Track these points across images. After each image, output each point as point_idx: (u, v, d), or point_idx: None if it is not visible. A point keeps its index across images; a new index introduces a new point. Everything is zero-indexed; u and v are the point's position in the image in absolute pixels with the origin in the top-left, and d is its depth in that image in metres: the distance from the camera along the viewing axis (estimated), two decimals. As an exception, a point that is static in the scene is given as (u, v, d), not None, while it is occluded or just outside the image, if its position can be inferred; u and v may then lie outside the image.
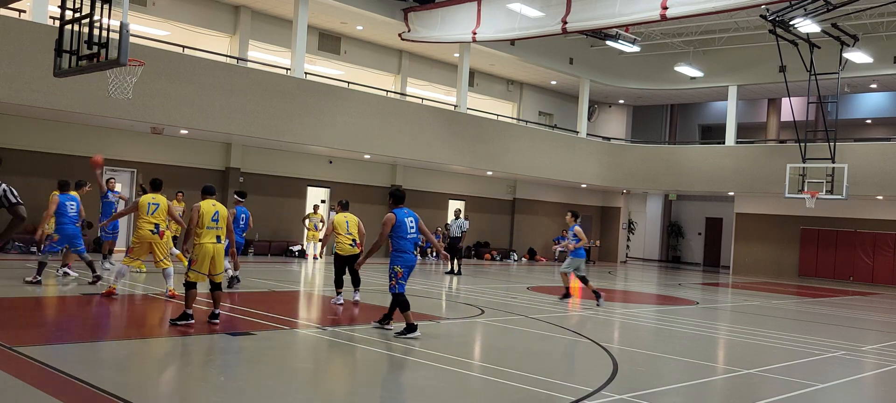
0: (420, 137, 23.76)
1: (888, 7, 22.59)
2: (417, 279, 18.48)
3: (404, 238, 9.53)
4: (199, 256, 9.24)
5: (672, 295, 19.22)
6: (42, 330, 8.94)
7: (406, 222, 9.57)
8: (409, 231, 9.58)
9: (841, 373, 9.34)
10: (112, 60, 7.51)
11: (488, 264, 26.96)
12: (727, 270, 32.81)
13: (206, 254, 9.24)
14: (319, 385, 7.31)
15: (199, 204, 9.41)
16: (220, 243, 9.41)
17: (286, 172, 23.68)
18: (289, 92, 20.49)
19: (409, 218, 9.64)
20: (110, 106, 16.27)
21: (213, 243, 9.30)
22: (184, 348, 8.33)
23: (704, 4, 16.76)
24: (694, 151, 31.00)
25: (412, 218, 9.69)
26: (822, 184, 24.77)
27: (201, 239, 9.27)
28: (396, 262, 9.53)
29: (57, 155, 19.09)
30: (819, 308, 18.13)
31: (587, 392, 7.12)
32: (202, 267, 9.26)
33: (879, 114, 33.16)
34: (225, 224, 9.56)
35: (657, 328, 12.85)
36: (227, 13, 22.35)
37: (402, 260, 9.53)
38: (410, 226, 9.61)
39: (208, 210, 9.36)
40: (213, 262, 9.30)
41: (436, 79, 28.01)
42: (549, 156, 28.16)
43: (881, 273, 28.35)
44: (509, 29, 20.79)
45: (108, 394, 5.99)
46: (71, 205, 12.79)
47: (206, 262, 9.26)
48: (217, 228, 9.37)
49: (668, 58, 29.81)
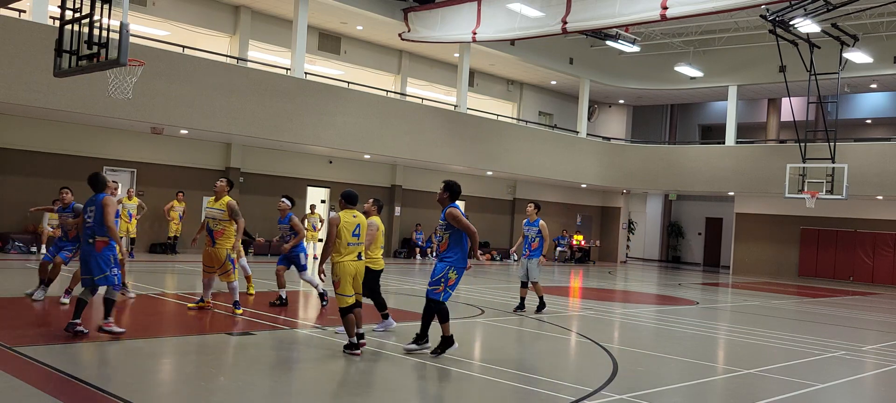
0: (420, 137, 23.76)
1: (888, 7, 22.59)
2: (417, 279, 18.49)
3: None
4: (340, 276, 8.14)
5: (672, 295, 19.22)
6: (42, 330, 8.94)
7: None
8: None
9: (841, 373, 9.34)
10: (112, 60, 7.50)
11: (488, 264, 26.95)
12: (727, 270, 32.80)
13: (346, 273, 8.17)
14: (319, 385, 7.31)
15: (338, 215, 8.28)
16: (362, 260, 8.34)
17: (286, 172, 23.67)
18: (289, 92, 20.49)
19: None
20: (110, 106, 16.27)
21: (355, 261, 8.24)
22: (184, 348, 8.32)
23: (704, 4, 16.75)
24: (694, 151, 31.00)
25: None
26: (822, 184, 24.77)
27: (343, 257, 8.16)
28: (456, 266, 8.38)
29: (57, 155, 19.09)
30: (819, 308, 18.12)
31: (587, 392, 7.12)
32: (346, 289, 8.17)
33: (879, 114, 33.17)
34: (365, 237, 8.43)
35: (657, 328, 12.85)
36: (227, 13, 22.35)
37: (462, 265, 8.43)
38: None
39: (349, 222, 8.25)
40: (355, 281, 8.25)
41: (436, 79, 28.01)
42: (549, 156, 28.16)
43: (881, 273, 28.34)
44: (509, 29, 20.78)
45: (108, 394, 5.99)
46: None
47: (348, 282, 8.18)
48: (359, 244, 8.27)
49: (668, 58, 29.81)
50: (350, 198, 8.44)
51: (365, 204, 9.47)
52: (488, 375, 7.76)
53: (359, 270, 8.26)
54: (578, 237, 31.86)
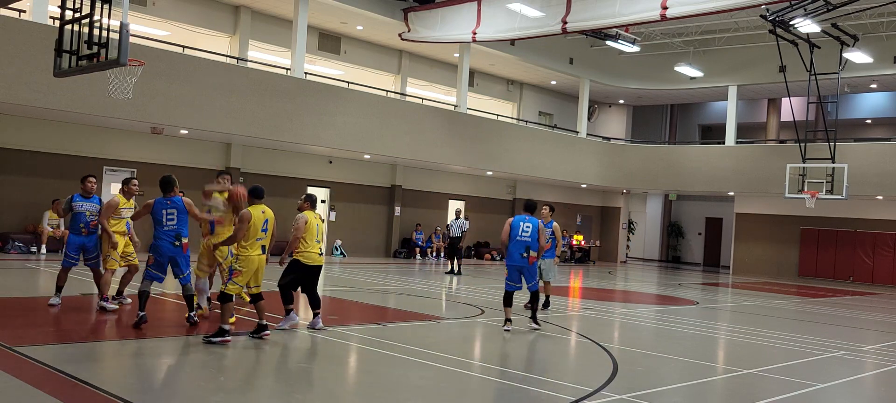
0: (420, 137, 23.76)
1: (888, 7, 22.58)
2: (418, 279, 18.49)
3: (513, 240, 10.60)
4: (244, 267, 8.59)
5: (672, 295, 19.22)
6: (42, 330, 8.93)
7: (519, 226, 10.58)
8: (521, 234, 10.56)
9: (841, 373, 9.34)
10: (112, 60, 7.50)
11: (488, 264, 26.95)
12: (727, 270, 32.80)
13: (250, 265, 8.61)
14: (319, 384, 7.31)
15: (248, 211, 8.60)
16: (265, 254, 8.79)
17: (286, 172, 23.67)
18: (289, 92, 20.49)
19: (525, 223, 10.58)
20: (110, 106, 16.26)
21: (260, 255, 8.68)
22: (184, 348, 8.32)
23: (704, 4, 16.75)
24: (694, 151, 31.00)
25: (530, 225, 10.57)
26: (822, 184, 24.76)
27: (249, 250, 8.59)
28: (506, 261, 10.80)
29: (57, 155, 19.09)
30: (819, 308, 18.12)
31: (587, 392, 7.12)
32: (242, 280, 8.61)
33: (879, 114, 33.16)
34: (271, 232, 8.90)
35: (657, 328, 12.85)
36: (227, 13, 22.35)
37: (508, 260, 10.73)
38: (523, 230, 10.57)
39: (259, 218, 8.65)
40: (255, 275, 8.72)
41: (436, 79, 28.01)
42: (549, 156, 28.16)
43: (881, 273, 28.34)
44: (509, 29, 20.78)
45: (108, 394, 5.99)
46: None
47: (248, 273, 8.63)
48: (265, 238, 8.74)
49: (668, 58, 29.81)
50: (257, 192, 8.75)
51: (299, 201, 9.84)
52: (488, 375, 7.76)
53: (261, 263, 8.69)
54: (578, 237, 31.86)
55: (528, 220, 10.58)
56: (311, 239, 9.43)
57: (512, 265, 10.69)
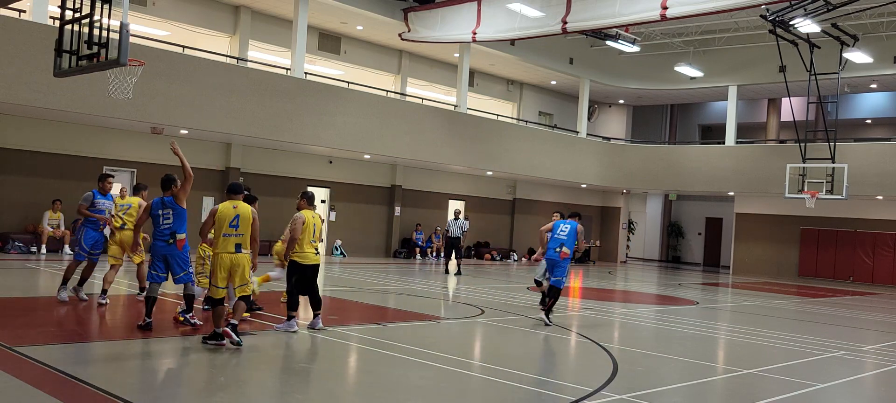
0: (420, 137, 23.75)
1: (888, 7, 22.58)
2: (418, 279, 18.49)
3: (552, 237, 11.88)
4: (214, 266, 8.32)
5: (672, 295, 19.22)
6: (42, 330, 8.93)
7: (559, 227, 11.86)
8: (559, 233, 11.81)
9: (841, 373, 9.34)
10: (112, 60, 7.50)
11: (488, 264, 26.95)
12: (727, 270, 32.80)
13: (219, 265, 8.28)
14: (319, 384, 7.31)
15: (217, 207, 8.41)
16: (242, 253, 8.36)
17: (286, 172, 23.67)
18: (289, 92, 20.49)
19: (565, 224, 11.86)
20: (110, 106, 16.26)
21: (231, 253, 8.30)
22: (184, 348, 8.31)
23: (704, 4, 16.75)
24: (694, 151, 31.00)
25: (568, 226, 11.80)
26: (822, 184, 24.75)
27: (217, 248, 8.30)
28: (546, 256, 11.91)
29: (57, 155, 19.08)
30: (819, 308, 18.12)
31: (587, 392, 7.12)
32: (218, 280, 8.29)
33: (879, 114, 33.15)
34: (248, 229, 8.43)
35: (657, 328, 12.85)
36: (227, 13, 22.35)
37: (547, 254, 11.88)
38: (560, 230, 11.83)
39: (227, 213, 8.32)
40: (230, 274, 8.35)
41: (436, 79, 28.01)
42: (549, 156, 28.16)
43: (881, 273, 28.33)
44: (509, 29, 20.78)
45: (108, 394, 5.99)
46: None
47: (221, 274, 8.29)
48: (238, 235, 8.32)
49: (668, 58, 29.81)
50: (233, 189, 8.60)
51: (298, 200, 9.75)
52: (488, 375, 7.76)
53: (234, 262, 8.30)
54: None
55: (568, 223, 11.86)
56: (307, 238, 9.37)
57: (548, 258, 11.88)
